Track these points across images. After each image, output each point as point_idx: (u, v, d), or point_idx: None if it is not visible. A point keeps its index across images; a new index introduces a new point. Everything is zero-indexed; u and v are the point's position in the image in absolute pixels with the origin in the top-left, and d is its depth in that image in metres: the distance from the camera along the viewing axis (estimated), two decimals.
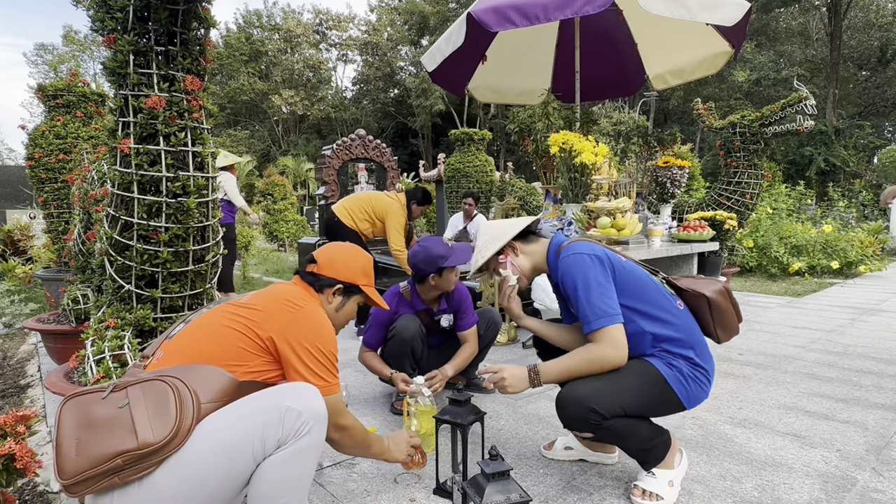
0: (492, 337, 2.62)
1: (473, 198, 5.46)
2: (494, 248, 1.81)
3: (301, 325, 1.38)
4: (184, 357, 1.31)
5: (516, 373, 1.65)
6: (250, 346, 1.34)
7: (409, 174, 11.95)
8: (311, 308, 1.44)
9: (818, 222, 9.29)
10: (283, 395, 1.25)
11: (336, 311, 1.58)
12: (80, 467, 1.09)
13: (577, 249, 1.67)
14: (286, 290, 1.49)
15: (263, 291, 1.49)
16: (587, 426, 1.59)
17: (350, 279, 1.59)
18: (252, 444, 1.17)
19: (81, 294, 2.95)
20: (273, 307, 1.40)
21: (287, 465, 1.20)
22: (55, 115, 4.21)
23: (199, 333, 1.37)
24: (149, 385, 1.19)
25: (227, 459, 1.16)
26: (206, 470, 1.14)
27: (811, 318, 4.50)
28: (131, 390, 1.19)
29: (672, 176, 4.21)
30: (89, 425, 1.14)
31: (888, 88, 22.36)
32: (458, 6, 27.26)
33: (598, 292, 1.58)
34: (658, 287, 1.70)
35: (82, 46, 31.23)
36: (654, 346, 1.64)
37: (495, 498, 1.27)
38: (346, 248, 1.66)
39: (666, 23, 4.29)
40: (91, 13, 1.93)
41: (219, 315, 1.39)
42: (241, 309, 1.40)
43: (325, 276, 1.56)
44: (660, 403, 1.63)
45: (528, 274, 1.84)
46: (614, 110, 4.89)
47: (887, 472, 1.86)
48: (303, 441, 1.21)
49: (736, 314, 1.78)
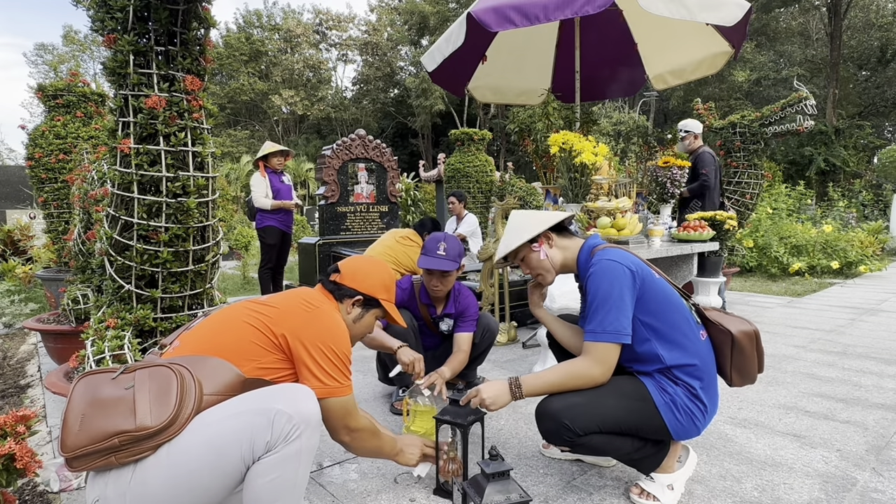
0: (487, 344, 2.60)
1: (456, 197, 5.38)
2: (529, 234, 1.73)
3: (315, 324, 1.39)
4: (198, 348, 1.33)
5: (497, 388, 1.61)
6: (264, 342, 1.35)
7: (409, 174, 11.94)
8: (327, 310, 1.46)
9: (818, 222, 9.29)
10: (275, 396, 1.24)
11: (354, 322, 1.60)
12: (80, 442, 1.12)
13: (614, 257, 1.62)
14: (306, 292, 1.51)
15: (284, 292, 1.52)
16: (562, 441, 1.56)
17: (370, 291, 1.60)
18: (240, 444, 1.17)
19: (81, 294, 2.95)
20: (290, 306, 1.42)
21: (278, 468, 1.19)
22: (55, 115, 4.20)
23: (216, 327, 1.40)
24: (156, 370, 1.22)
25: (215, 456, 1.16)
26: (194, 464, 1.15)
27: (811, 318, 4.50)
28: (138, 374, 1.22)
29: (672, 176, 4.21)
30: (95, 403, 1.17)
31: (888, 88, 22.35)
32: (458, 6, 27.24)
33: (616, 307, 1.53)
34: (685, 312, 1.64)
35: (82, 46, 31.22)
36: (659, 368, 1.59)
37: (495, 498, 1.27)
38: (371, 261, 1.69)
39: (666, 23, 4.29)
40: (91, 13, 1.93)
41: (238, 310, 1.42)
42: (260, 306, 1.42)
43: (346, 286, 1.58)
44: (643, 426, 1.57)
45: (557, 268, 1.78)
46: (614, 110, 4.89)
47: (887, 472, 1.86)
48: (293, 445, 1.20)
49: (759, 362, 1.68)
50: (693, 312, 1.68)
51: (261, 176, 4.97)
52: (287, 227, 5.15)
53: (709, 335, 1.68)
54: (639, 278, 1.59)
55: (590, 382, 1.56)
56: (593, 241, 1.75)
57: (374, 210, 6.00)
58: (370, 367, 3.13)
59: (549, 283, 1.83)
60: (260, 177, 4.97)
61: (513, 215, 1.86)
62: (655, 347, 1.58)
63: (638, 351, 1.60)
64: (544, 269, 1.77)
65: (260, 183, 4.95)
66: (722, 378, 1.70)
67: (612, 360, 1.55)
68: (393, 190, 5.98)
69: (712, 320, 1.68)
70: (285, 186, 5.13)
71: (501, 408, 1.62)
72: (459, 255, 2.38)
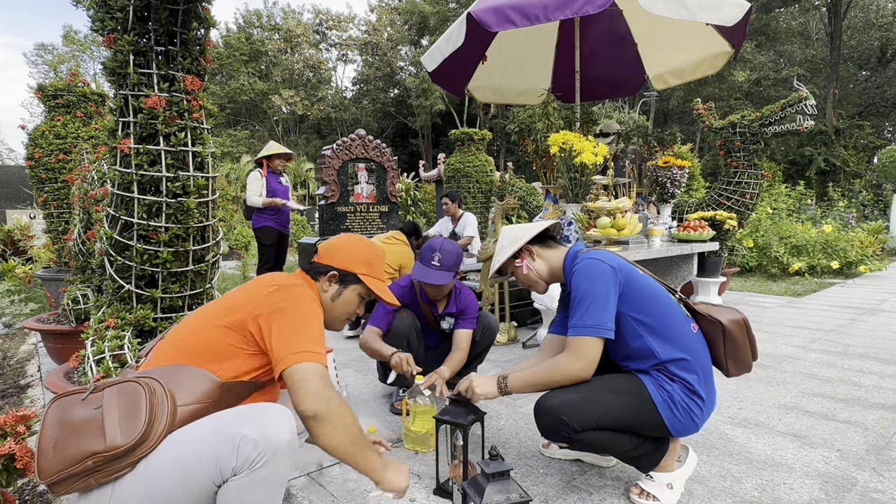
0: (488, 343, 2.60)
1: (450, 197, 5.34)
2: (510, 251, 1.80)
3: (276, 297, 1.33)
4: (171, 357, 1.29)
5: (485, 379, 1.68)
6: (234, 340, 1.29)
7: (409, 174, 11.94)
8: (292, 285, 1.38)
9: (818, 222, 9.29)
10: (243, 420, 1.17)
11: (332, 299, 1.52)
12: (55, 467, 1.10)
13: (595, 256, 1.65)
14: (274, 275, 1.44)
15: (253, 280, 1.44)
16: (559, 437, 1.58)
17: (345, 266, 1.52)
18: (206, 466, 1.12)
19: (81, 294, 2.95)
20: (254, 290, 1.37)
21: (247, 492, 1.14)
22: (55, 115, 4.20)
23: (186, 333, 1.35)
24: (124, 387, 1.18)
25: (184, 474, 1.13)
26: (168, 480, 1.13)
27: (811, 318, 4.50)
28: (107, 392, 1.18)
29: (672, 176, 4.21)
30: (66, 426, 1.15)
31: (888, 88, 22.35)
32: (458, 6, 27.24)
33: (597, 302, 1.55)
34: (674, 307, 1.66)
35: (82, 46, 31.21)
36: (654, 365, 1.60)
37: (495, 498, 1.27)
38: (349, 237, 1.62)
39: (666, 23, 4.29)
40: (91, 13, 1.93)
41: (207, 312, 1.37)
42: (227, 300, 1.37)
43: (320, 264, 1.53)
44: (642, 423, 1.58)
45: (545, 278, 1.83)
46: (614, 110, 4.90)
47: (887, 472, 1.86)
48: (259, 473, 1.13)
49: (751, 350, 1.72)
50: (681, 306, 1.71)
51: (259, 175, 4.98)
52: (283, 226, 5.15)
53: (700, 328, 1.71)
54: (621, 275, 1.61)
55: (571, 377, 1.56)
56: (576, 248, 1.80)
57: (374, 210, 6.00)
58: (370, 367, 3.13)
59: (542, 293, 1.90)
60: (258, 176, 4.97)
61: (502, 232, 1.92)
62: (648, 343, 1.60)
63: (632, 347, 1.62)
64: (531, 281, 1.84)
65: (256, 181, 4.96)
66: (718, 369, 1.72)
67: (592, 354, 1.54)
68: (393, 190, 5.98)
69: (701, 312, 1.72)
70: (283, 188, 5.15)
71: (487, 398, 1.66)
72: (456, 263, 2.34)
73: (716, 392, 1.67)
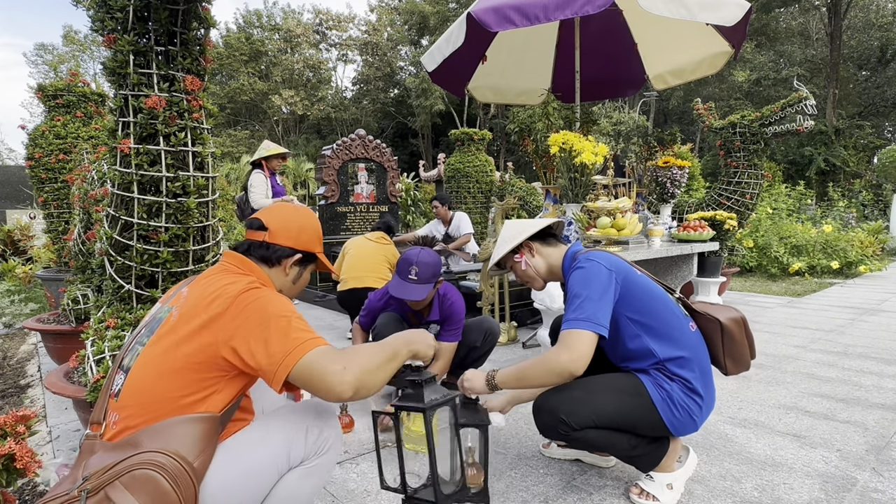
0: (489, 347, 2.59)
1: (440, 201, 5.27)
2: (510, 245, 1.80)
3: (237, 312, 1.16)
4: (143, 415, 1.12)
5: (476, 374, 1.71)
6: (208, 373, 1.15)
7: (409, 174, 11.94)
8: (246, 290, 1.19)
9: (818, 222, 9.29)
10: (304, 415, 1.28)
11: (293, 282, 1.42)
12: None
13: (593, 257, 1.65)
14: (213, 284, 1.23)
15: (188, 301, 1.22)
16: (558, 435, 1.59)
17: (307, 247, 1.41)
18: (276, 462, 1.20)
19: (81, 294, 2.95)
20: (198, 309, 1.17)
21: (305, 479, 1.24)
22: (55, 115, 4.21)
23: (146, 381, 1.14)
24: (130, 478, 1.02)
25: (255, 483, 1.19)
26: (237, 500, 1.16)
27: (811, 318, 4.50)
28: (113, 493, 1.00)
29: (672, 176, 4.21)
30: None
31: (888, 88, 22.35)
32: (458, 6, 27.24)
33: (591, 300, 1.55)
34: (671, 305, 1.66)
35: (82, 46, 31.21)
36: (653, 364, 1.60)
37: (432, 396, 1.27)
38: (297, 210, 1.46)
39: (666, 23, 4.29)
40: (91, 13, 1.93)
41: (156, 352, 1.17)
42: (172, 336, 1.17)
43: (281, 246, 1.35)
44: (640, 422, 1.58)
45: (543, 275, 1.83)
46: (614, 110, 4.90)
47: (887, 472, 1.86)
48: (323, 458, 1.26)
49: (750, 348, 1.73)
50: (679, 305, 1.71)
51: (263, 177, 5.00)
52: None
53: (698, 326, 1.71)
54: (619, 276, 1.61)
55: (558, 368, 1.49)
56: (575, 248, 1.80)
57: (374, 210, 6.00)
58: None
59: (540, 289, 1.90)
60: (262, 177, 4.99)
61: (505, 225, 1.92)
62: (647, 342, 1.60)
63: (630, 347, 1.62)
64: (529, 277, 1.84)
65: (262, 183, 4.97)
66: (717, 368, 1.72)
67: (581, 345, 1.48)
68: (393, 190, 5.98)
69: (699, 311, 1.72)
70: (280, 187, 5.22)
71: (477, 393, 1.66)
72: (434, 274, 2.29)
73: (715, 391, 1.68)
